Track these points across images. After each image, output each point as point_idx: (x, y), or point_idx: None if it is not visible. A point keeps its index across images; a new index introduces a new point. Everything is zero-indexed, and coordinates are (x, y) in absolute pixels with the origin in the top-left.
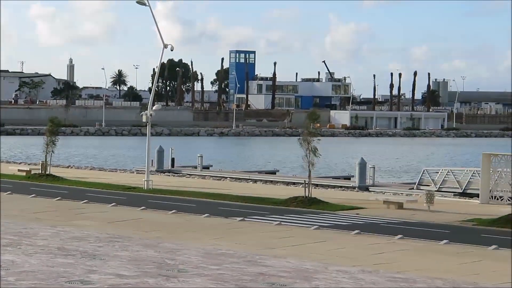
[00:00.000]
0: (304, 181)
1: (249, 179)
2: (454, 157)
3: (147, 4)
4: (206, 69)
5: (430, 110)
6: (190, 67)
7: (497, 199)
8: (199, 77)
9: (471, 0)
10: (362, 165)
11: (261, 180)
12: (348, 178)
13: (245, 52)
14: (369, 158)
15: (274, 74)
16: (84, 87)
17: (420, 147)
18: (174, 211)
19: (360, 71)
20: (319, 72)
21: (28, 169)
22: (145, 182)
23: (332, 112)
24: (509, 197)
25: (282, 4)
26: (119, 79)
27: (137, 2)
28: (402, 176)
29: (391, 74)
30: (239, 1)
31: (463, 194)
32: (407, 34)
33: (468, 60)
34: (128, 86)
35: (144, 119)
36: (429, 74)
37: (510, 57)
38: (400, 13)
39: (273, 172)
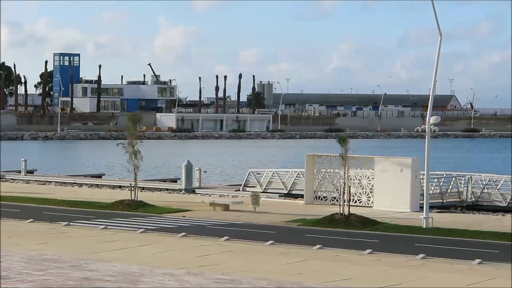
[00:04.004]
0: (130, 184)
1: (75, 183)
2: (280, 158)
3: None
4: (33, 73)
5: (256, 112)
6: (13, 69)
7: (321, 199)
8: (23, 80)
9: (301, 1)
10: (189, 167)
11: (86, 184)
12: (174, 180)
13: (70, 55)
14: (195, 160)
15: (99, 77)
16: None
17: (246, 149)
18: None
19: (188, 74)
20: (144, 75)
21: None
22: None
23: (158, 115)
24: (332, 197)
25: (112, 7)
26: None
27: None
28: (230, 178)
29: (217, 76)
30: (69, 4)
31: (288, 195)
32: (237, 37)
33: (294, 63)
34: None
35: None
36: (254, 76)
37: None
38: (230, 17)
39: (99, 176)
